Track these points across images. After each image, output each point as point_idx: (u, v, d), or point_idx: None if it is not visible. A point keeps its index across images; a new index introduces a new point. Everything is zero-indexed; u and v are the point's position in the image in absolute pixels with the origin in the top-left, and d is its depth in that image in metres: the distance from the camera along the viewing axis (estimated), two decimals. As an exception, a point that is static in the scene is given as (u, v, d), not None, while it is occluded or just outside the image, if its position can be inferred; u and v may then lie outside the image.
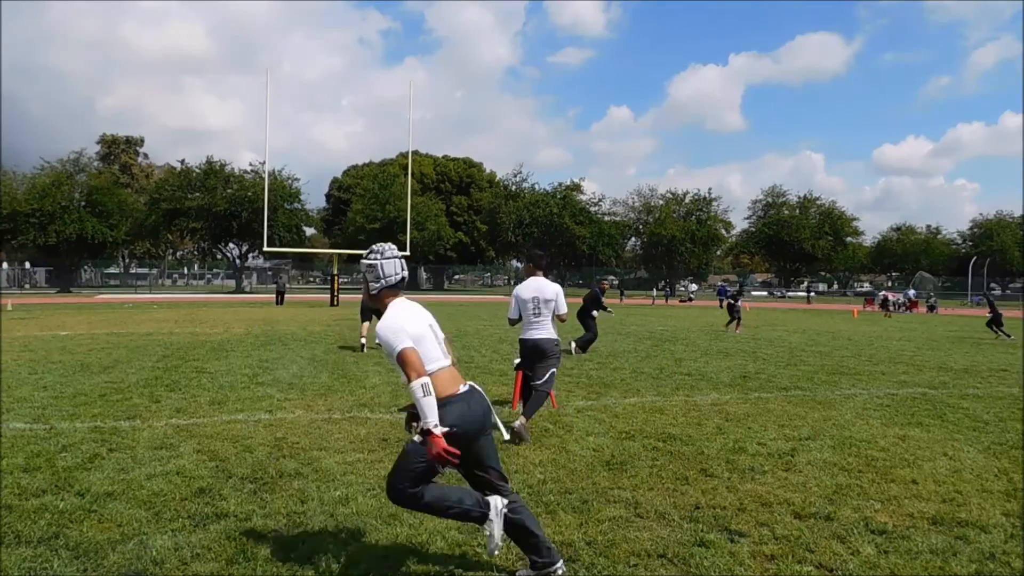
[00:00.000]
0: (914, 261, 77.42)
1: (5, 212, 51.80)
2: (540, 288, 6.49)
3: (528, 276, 6.67)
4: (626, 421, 7.05)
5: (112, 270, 76.37)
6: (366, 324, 13.64)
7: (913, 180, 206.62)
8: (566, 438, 6.24)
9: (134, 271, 77.92)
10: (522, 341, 6.63)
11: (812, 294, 60.19)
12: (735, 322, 20.37)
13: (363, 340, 13.63)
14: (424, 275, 76.03)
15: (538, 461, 5.46)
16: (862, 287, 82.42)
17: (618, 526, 4.09)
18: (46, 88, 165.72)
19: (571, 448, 5.87)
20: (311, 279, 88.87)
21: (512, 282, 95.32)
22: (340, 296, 36.31)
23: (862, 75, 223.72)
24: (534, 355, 6.49)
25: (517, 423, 6.00)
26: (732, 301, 21.59)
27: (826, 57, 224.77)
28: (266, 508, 4.28)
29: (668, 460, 5.58)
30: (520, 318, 6.57)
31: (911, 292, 25.71)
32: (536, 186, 71.55)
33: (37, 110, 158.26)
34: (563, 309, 6.51)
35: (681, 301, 51.54)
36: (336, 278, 36.76)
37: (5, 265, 68.49)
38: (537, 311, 6.45)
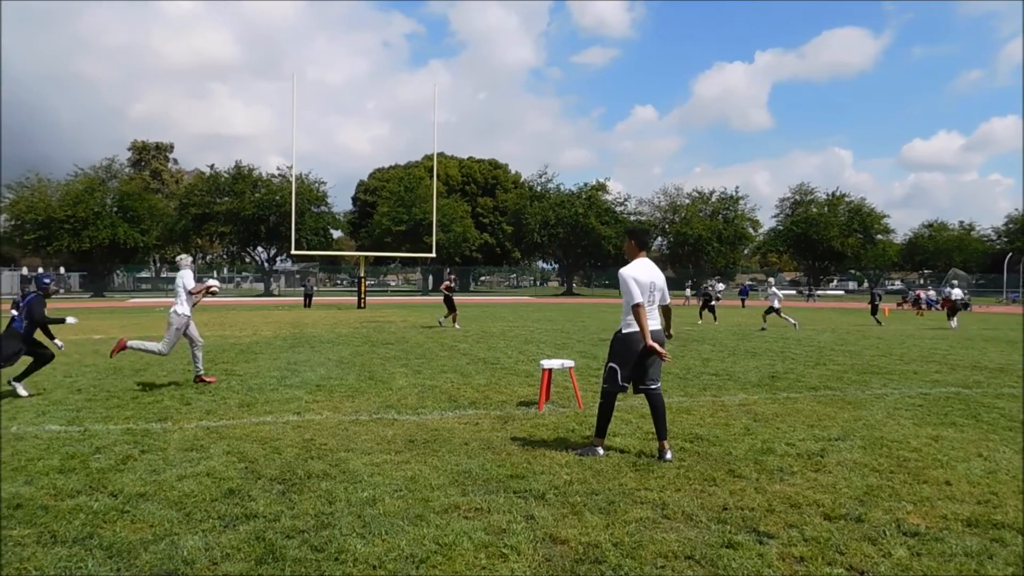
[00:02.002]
0: (946, 258, 76.10)
1: (40, 219, 52.92)
2: (655, 274, 5.75)
3: (632, 258, 5.81)
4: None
5: (144, 274, 77.60)
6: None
7: (945, 176, 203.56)
8: (591, 440, 6.21)
9: (165, 275, 79.08)
10: (631, 335, 5.61)
11: (813, 293, 59.57)
12: (708, 311, 24.36)
13: (442, 321, 20.73)
14: (450, 277, 76.22)
15: (564, 462, 5.45)
16: (893, 285, 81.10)
17: (645, 527, 4.07)
18: (78, 96, 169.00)
19: (597, 450, 5.84)
20: (338, 282, 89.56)
21: (538, 283, 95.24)
22: (367, 298, 36.54)
23: (890, 70, 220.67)
24: (648, 350, 5.56)
25: (668, 454, 5.52)
26: (707, 297, 25.29)
27: (853, 52, 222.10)
28: (294, 509, 4.32)
29: (695, 461, 5.54)
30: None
31: (946, 290, 25.48)
32: (561, 187, 71.46)
33: (69, 118, 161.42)
34: (668, 298, 5.90)
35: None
36: (363, 280, 36.95)
37: (41, 270, 69.89)
38: (651, 299, 5.67)
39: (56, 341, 8.93)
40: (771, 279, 25.64)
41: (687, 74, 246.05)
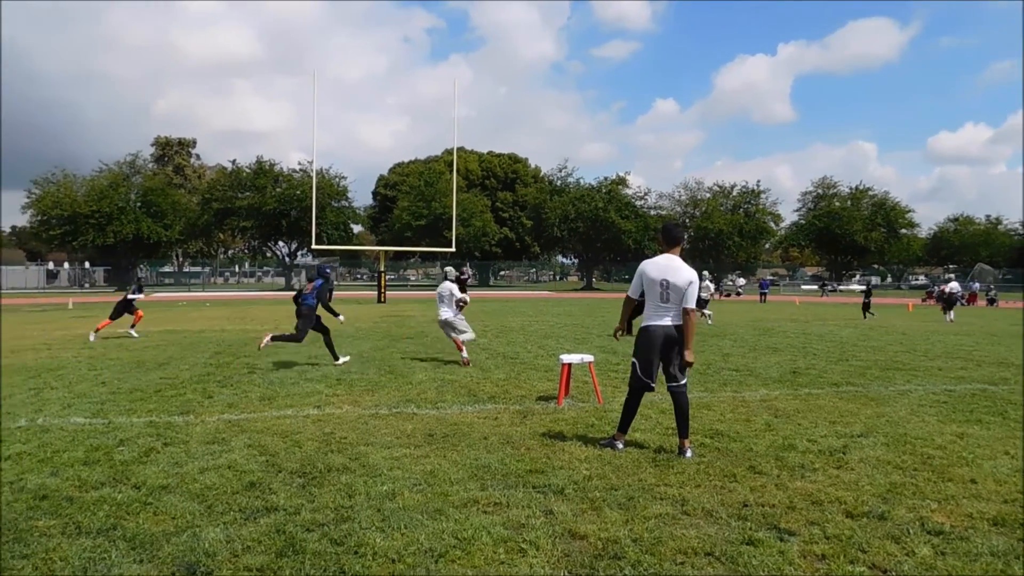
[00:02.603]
0: (972, 253, 74.95)
1: (66, 214, 53.70)
2: (672, 270, 5.49)
3: (660, 253, 5.71)
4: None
5: (167, 269, 78.42)
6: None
7: (971, 169, 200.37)
8: (612, 434, 6.18)
9: (187, 270, 79.87)
10: (647, 329, 5.58)
11: (835, 288, 59.13)
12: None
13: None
14: (470, 271, 76.37)
15: (583, 457, 5.44)
16: (917, 280, 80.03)
17: (664, 523, 4.05)
18: (103, 94, 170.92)
19: (617, 444, 5.82)
20: (358, 276, 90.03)
21: (557, 277, 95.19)
22: (387, 293, 36.66)
23: (917, 61, 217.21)
24: (666, 346, 5.52)
25: (689, 453, 5.50)
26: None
27: (879, 43, 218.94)
28: (314, 502, 4.35)
29: (715, 457, 5.51)
30: (640, 298, 5.69)
31: (952, 284, 24.90)
32: (581, 181, 71.22)
33: (95, 115, 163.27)
34: (691, 303, 5.47)
35: (725, 296, 50.78)
36: (383, 275, 37.06)
37: (66, 265, 70.86)
38: (665, 296, 5.49)
39: (339, 317, 11.02)
40: (704, 272, 26.12)
41: (708, 67, 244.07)
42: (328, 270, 11.37)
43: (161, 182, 64.20)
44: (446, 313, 10.99)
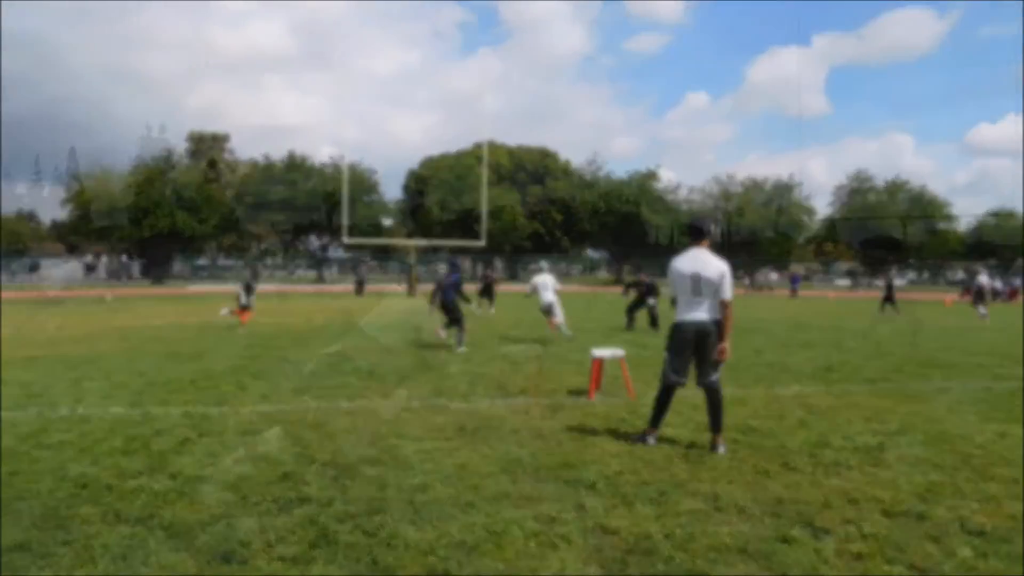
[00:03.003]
0: (1014, 248, 73.13)
1: (104, 208, 54.80)
2: (702, 263, 5.50)
3: (690, 248, 5.69)
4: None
5: (201, 262, 79.49)
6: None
7: (1013, 161, 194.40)
8: (643, 429, 6.15)
9: (221, 263, 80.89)
10: (679, 325, 5.58)
11: (863, 282, 58.21)
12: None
13: (476, 310, 19.62)
14: (499, 265, 76.41)
15: (615, 452, 5.41)
16: (955, 276, 78.31)
17: (697, 519, 4.01)
18: (138, 89, 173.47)
19: (648, 439, 5.79)
20: (389, 270, 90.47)
21: (587, 272, 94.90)
22: (418, 286, 36.86)
23: (956, 51, 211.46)
24: (698, 342, 5.52)
25: (721, 449, 5.46)
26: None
27: (916, 33, 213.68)
28: (347, 494, 4.38)
29: (748, 453, 5.45)
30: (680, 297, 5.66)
31: (981, 278, 24.38)
32: (611, 174, 70.85)
33: (127, 110, 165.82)
34: (727, 294, 5.47)
35: (758, 291, 50.18)
36: (413, 268, 37.28)
37: (104, 258, 72.23)
38: (697, 290, 5.49)
39: (471, 305, 12.54)
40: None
41: (740, 59, 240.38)
42: (456, 262, 13.20)
43: (195, 177, 65.10)
44: (549, 297, 13.12)
